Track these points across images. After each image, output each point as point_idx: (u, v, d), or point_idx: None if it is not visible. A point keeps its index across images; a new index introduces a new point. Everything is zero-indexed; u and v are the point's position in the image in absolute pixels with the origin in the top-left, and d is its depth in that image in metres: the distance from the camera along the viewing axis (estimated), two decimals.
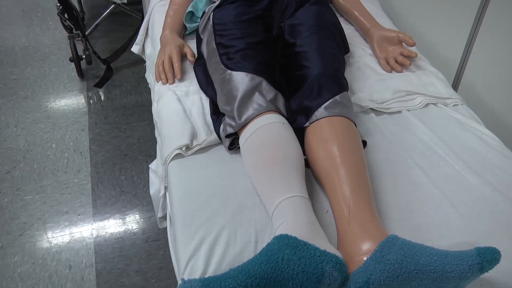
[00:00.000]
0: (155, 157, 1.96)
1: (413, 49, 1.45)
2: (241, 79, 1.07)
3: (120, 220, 1.70)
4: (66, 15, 2.32)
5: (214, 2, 1.40)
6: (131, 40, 2.49)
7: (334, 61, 1.16)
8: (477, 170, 1.08)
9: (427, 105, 1.27)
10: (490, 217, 0.98)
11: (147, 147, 2.03)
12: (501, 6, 1.27)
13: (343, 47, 1.32)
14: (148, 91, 2.31)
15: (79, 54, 2.42)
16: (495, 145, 1.15)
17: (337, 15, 1.61)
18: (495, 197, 1.01)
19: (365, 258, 0.81)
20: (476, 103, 1.42)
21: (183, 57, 1.37)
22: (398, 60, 1.37)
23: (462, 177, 1.06)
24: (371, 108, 1.24)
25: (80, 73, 2.43)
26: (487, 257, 0.78)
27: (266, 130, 1.00)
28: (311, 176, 1.05)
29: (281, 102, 1.09)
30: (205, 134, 1.13)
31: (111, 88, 2.37)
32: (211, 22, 1.27)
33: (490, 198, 1.01)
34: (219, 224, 0.94)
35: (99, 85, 2.36)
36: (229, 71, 1.10)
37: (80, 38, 2.37)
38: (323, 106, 1.04)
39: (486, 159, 1.11)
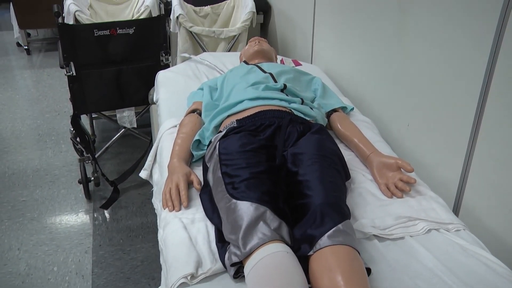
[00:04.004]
0: (158, 280, 1.93)
1: (412, 174, 1.50)
2: (246, 209, 1.10)
3: None
4: (78, 139, 2.44)
5: (220, 131, 1.48)
6: (139, 162, 2.58)
7: (336, 190, 1.20)
8: None
9: (429, 230, 1.28)
10: None
11: (150, 269, 2.00)
12: (494, 130, 1.34)
13: (344, 174, 1.37)
14: (153, 212, 2.34)
15: (88, 176, 2.49)
16: (503, 272, 1.14)
17: (337, 141, 1.69)
18: None
19: None
20: (479, 228, 1.42)
21: (189, 184, 1.42)
22: (398, 186, 1.41)
23: None
24: (374, 234, 1.25)
25: (88, 194, 2.48)
26: None
27: (271, 260, 1.01)
28: None
29: (285, 231, 1.11)
30: (210, 262, 1.13)
31: (117, 210, 2.40)
32: (217, 152, 1.34)
33: None
34: None
35: (105, 206, 2.40)
36: (234, 200, 1.14)
37: (90, 161, 2.46)
38: (326, 234, 1.06)
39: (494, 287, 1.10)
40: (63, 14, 2.70)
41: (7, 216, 2.33)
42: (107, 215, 2.36)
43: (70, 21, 2.63)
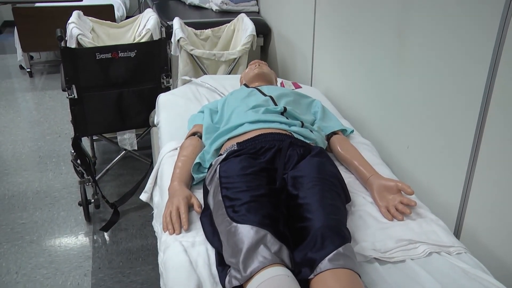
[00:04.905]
0: None
1: (412, 197, 1.50)
2: (246, 232, 1.10)
3: None
4: (78, 161, 2.44)
5: (221, 154, 1.49)
6: (139, 184, 2.58)
7: (336, 213, 1.20)
8: None
9: (430, 253, 1.27)
10: None
11: None
12: (493, 152, 1.35)
13: (344, 197, 1.37)
14: (153, 234, 2.33)
15: (88, 198, 2.49)
16: None
17: (337, 163, 1.70)
18: None
19: None
20: (480, 251, 1.42)
21: (190, 207, 1.42)
22: (399, 208, 1.41)
23: None
24: (374, 258, 1.25)
25: (88, 216, 2.47)
26: None
27: (271, 283, 1.01)
28: None
29: (285, 254, 1.10)
30: (211, 286, 1.13)
31: (117, 232, 2.39)
32: (217, 175, 1.34)
33: None
34: None
35: (105, 228, 2.39)
36: (234, 224, 1.14)
37: (90, 183, 2.46)
38: (326, 258, 1.06)
39: None
40: (66, 38, 2.73)
41: (6, 239, 2.32)
42: (107, 237, 2.35)
43: (72, 44, 2.66)
